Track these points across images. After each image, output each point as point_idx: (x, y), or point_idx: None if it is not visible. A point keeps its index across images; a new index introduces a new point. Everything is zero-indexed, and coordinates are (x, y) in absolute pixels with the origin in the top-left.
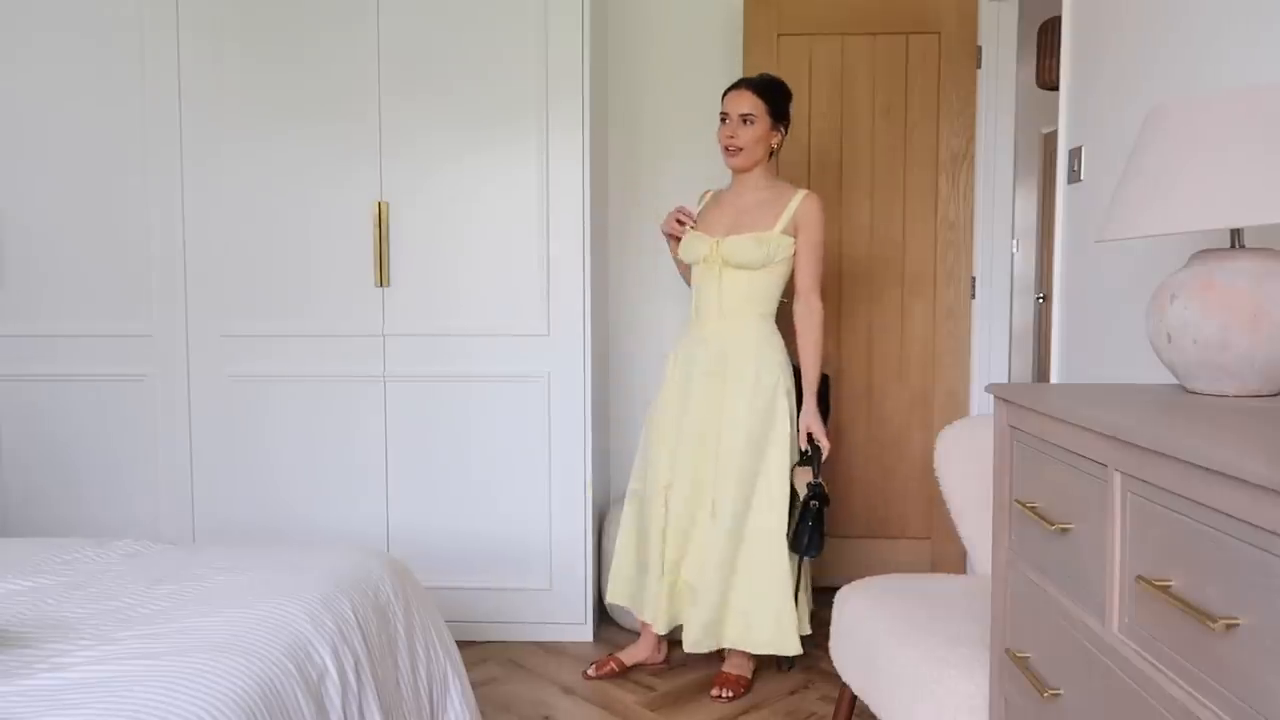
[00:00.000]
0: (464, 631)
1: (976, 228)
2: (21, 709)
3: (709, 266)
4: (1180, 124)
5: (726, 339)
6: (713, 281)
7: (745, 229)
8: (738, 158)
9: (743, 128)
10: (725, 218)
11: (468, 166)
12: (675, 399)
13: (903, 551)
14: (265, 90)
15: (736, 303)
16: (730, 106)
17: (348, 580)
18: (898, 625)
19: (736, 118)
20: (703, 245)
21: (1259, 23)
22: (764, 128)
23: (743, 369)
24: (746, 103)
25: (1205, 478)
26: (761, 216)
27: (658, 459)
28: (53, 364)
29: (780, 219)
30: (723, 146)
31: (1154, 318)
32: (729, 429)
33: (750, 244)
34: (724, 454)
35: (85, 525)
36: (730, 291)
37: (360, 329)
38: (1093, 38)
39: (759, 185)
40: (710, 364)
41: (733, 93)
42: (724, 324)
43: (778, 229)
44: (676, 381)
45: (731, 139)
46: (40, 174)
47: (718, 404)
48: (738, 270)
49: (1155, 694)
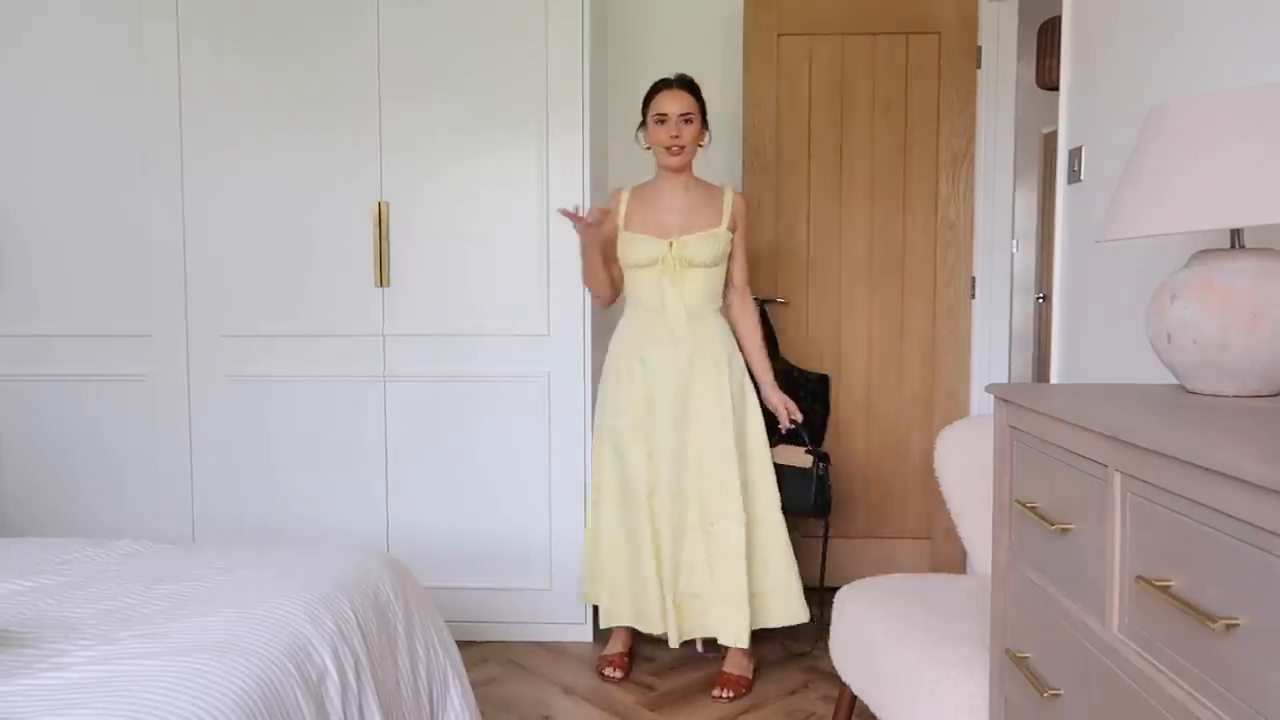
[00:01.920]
0: (464, 631)
1: (976, 228)
2: (21, 709)
3: (666, 268)
4: (1180, 124)
5: (693, 339)
6: (670, 283)
7: (697, 228)
8: (681, 156)
9: (684, 127)
10: (670, 218)
11: (468, 166)
12: (640, 403)
13: (903, 551)
14: (265, 90)
15: (698, 302)
16: (669, 107)
17: (347, 580)
18: (898, 625)
19: (677, 117)
20: (654, 247)
21: (1259, 23)
22: (698, 126)
23: (710, 365)
24: (685, 102)
25: (1205, 478)
26: (707, 214)
27: (634, 465)
28: (53, 364)
29: (723, 216)
30: (664, 147)
31: (1154, 318)
32: (709, 426)
33: (709, 242)
34: (709, 452)
35: (85, 525)
36: (692, 291)
37: (360, 329)
38: (1093, 38)
39: (692, 184)
40: (678, 365)
41: (667, 93)
42: (690, 325)
43: (723, 225)
44: (634, 387)
45: (676, 139)
46: (40, 174)
47: (688, 406)
48: (694, 270)
49: (1155, 694)
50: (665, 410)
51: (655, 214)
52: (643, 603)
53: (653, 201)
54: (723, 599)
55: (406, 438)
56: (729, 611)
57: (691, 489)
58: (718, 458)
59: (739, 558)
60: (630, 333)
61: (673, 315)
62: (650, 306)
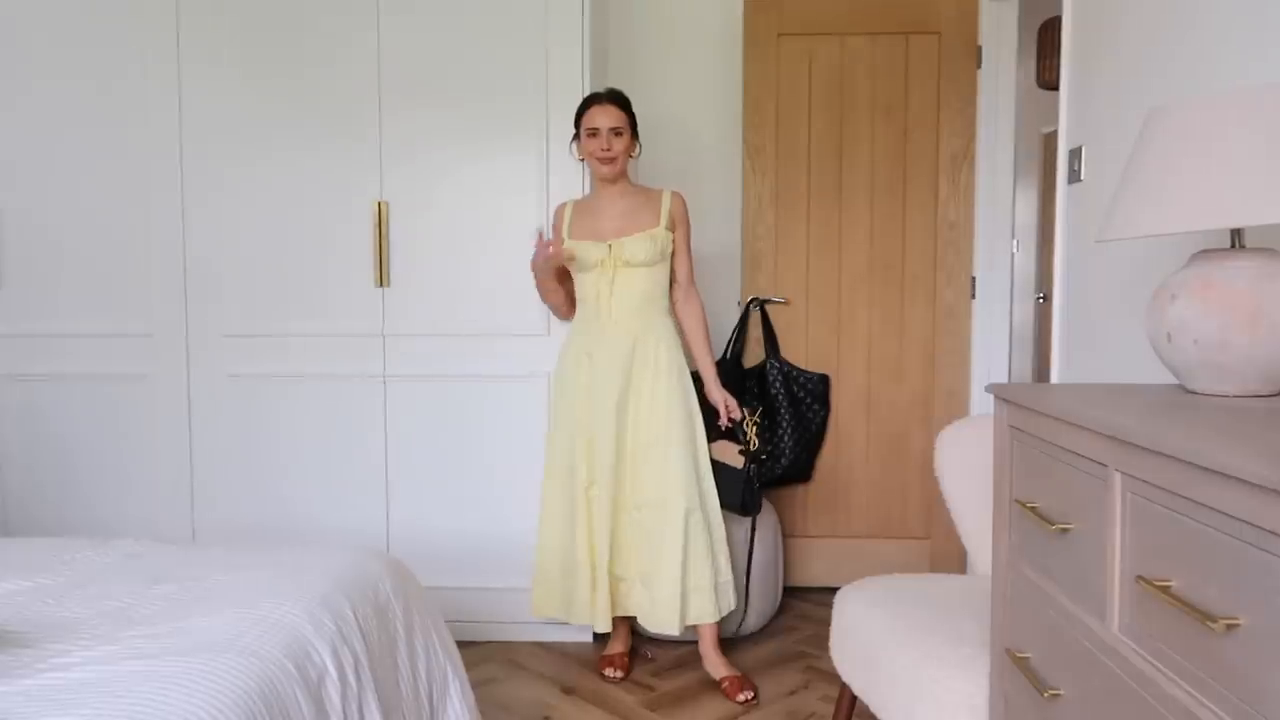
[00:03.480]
0: (464, 631)
1: (976, 228)
2: (21, 709)
3: (605, 269)
4: (1180, 124)
5: (633, 336)
6: (607, 284)
7: (634, 229)
8: (613, 166)
9: (615, 139)
10: (608, 223)
11: (468, 166)
12: (582, 398)
13: (903, 551)
14: (266, 91)
15: (637, 301)
16: (600, 121)
17: (348, 580)
18: (898, 625)
19: (608, 131)
20: (596, 250)
21: (1259, 23)
22: (628, 138)
23: (650, 360)
24: (614, 117)
25: (1205, 478)
26: (644, 216)
27: (574, 458)
28: (53, 364)
29: (661, 217)
30: (596, 159)
31: (1154, 318)
32: (648, 418)
33: (645, 242)
34: (645, 443)
35: (85, 525)
36: (628, 290)
37: (360, 329)
38: (1093, 38)
39: (627, 190)
40: (615, 364)
41: (597, 108)
42: (630, 323)
43: (662, 225)
44: (582, 385)
45: (607, 151)
46: (41, 173)
47: (627, 397)
48: (634, 269)
49: (1155, 694)
50: (606, 403)
51: (594, 221)
52: (572, 593)
53: (592, 210)
54: (648, 583)
55: (406, 438)
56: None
57: (627, 477)
58: (654, 448)
59: (672, 545)
60: (577, 333)
61: (614, 313)
62: (593, 306)
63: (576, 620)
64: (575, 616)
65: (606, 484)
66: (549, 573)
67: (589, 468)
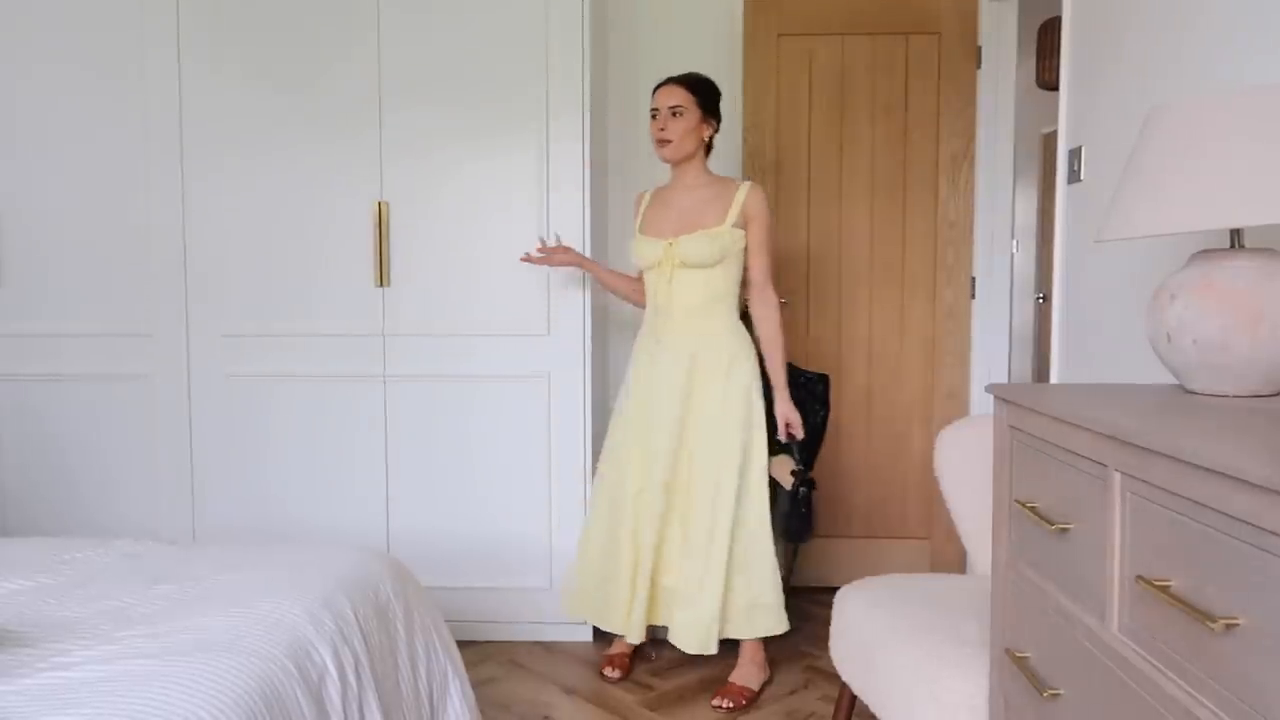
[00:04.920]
0: (464, 631)
1: (976, 228)
2: (21, 709)
3: (661, 270)
4: (1180, 124)
5: (694, 340)
6: (665, 284)
7: (695, 227)
8: (667, 149)
9: (672, 120)
10: (672, 217)
11: (468, 166)
12: (642, 403)
13: (903, 551)
14: (266, 90)
15: (697, 302)
16: (659, 101)
17: (348, 580)
18: (898, 625)
19: (666, 110)
20: (654, 249)
21: (1259, 23)
22: (693, 119)
23: (713, 369)
24: (674, 96)
25: (1205, 478)
26: (709, 213)
27: (628, 464)
28: (53, 364)
29: (729, 213)
30: (654, 140)
31: (1154, 318)
32: (706, 429)
33: (704, 241)
34: (701, 455)
35: (85, 525)
36: (687, 292)
37: (360, 329)
38: (1093, 38)
39: (699, 182)
40: (677, 367)
41: (661, 89)
42: (690, 325)
43: (728, 223)
44: (642, 385)
45: (662, 131)
46: (41, 173)
47: (687, 406)
48: (693, 270)
49: (1155, 694)
50: (664, 411)
51: (662, 214)
52: (609, 599)
53: (664, 202)
54: (689, 601)
55: (406, 438)
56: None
57: (681, 489)
58: (711, 462)
59: (717, 563)
60: (643, 335)
61: (674, 314)
62: (655, 306)
63: (608, 626)
64: (609, 623)
65: (657, 493)
66: (588, 575)
67: (642, 474)
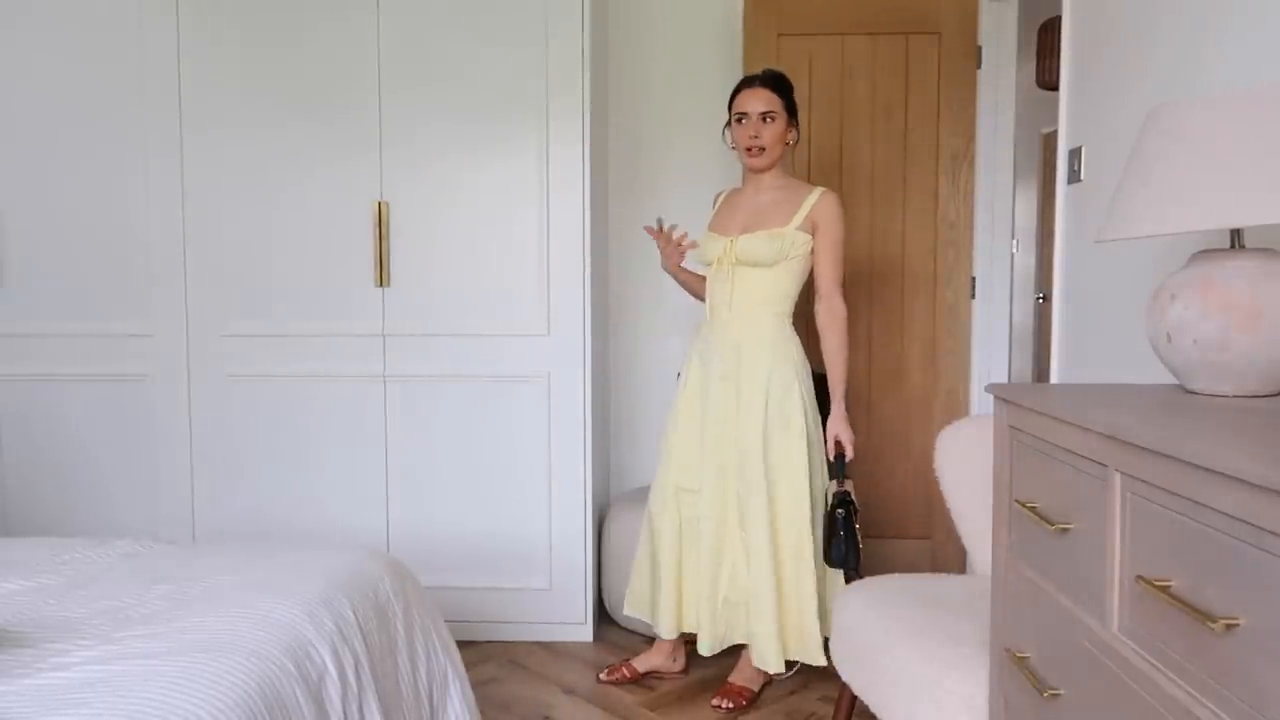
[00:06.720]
0: (464, 631)
1: (976, 228)
2: (21, 709)
3: (720, 266)
4: (1180, 124)
5: (740, 338)
6: (724, 281)
7: (759, 227)
8: (761, 158)
9: (764, 126)
10: (739, 217)
11: (468, 167)
12: (695, 402)
13: (903, 551)
14: (265, 89)
15: (750, 302)
16: (749, 105)
17: (348, 580)
18: (898, 625)
19: (757, 117)
20: (717, 245)
21: (1259, 23)
22: (783, 124)
23: (755, 371)
24: (765, 100)
25: (1205, 478)
26: (776, 214)
27: (670, 459)
28: (53, 364)
29: (795, 216)
30: (744, 148)
31: (1154, 318)
32: (745, 436)
33: (763, 241)
34: (742, 462)
35: (84, 525)
36: (742, 290)
37: (360, 329)
38: (1093, 38)
39: (774, 184)
40: (725, 365)
41: (748, 91)
42: (738, 323)
43: (793, 225)
44: (694, 384)
45: (755, 139)
46: (40, 173)
47: (733, 408)
48: (751, 269)
49: (1155, 694)
50: (715, 410)
51: (731, 213)
52: (657, 598)
53: (734, 203)
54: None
55: (406, 438)
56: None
57: (732, 494)
58: (751, 470)
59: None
60: (698, 336)
61: (728, 314)
62: (713, 304)
63: (657, 626)
64: (658, 624)
65: (710, 499)
66: (643, 574)
67: (687, 474)
